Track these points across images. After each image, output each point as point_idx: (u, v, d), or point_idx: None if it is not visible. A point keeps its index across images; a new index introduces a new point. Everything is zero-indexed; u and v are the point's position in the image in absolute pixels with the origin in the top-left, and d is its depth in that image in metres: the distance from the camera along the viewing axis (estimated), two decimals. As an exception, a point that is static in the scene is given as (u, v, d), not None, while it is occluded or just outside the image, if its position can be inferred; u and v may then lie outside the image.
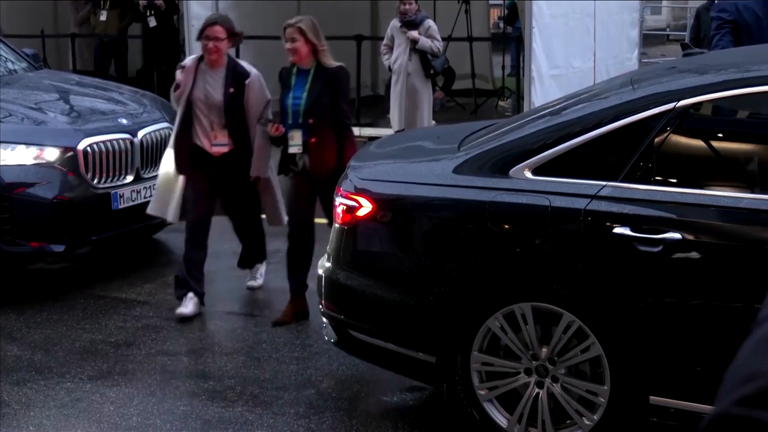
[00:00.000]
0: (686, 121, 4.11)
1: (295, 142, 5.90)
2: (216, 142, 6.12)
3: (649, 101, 4.15)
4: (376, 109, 13.59)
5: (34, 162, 6.50)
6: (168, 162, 6.31)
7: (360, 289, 4.62)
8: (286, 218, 6.44)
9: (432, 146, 5.23)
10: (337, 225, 4.71)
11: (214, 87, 6.13)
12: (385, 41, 10.25)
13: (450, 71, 11.38)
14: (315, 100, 5.85)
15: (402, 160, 4.99)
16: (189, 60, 6.31)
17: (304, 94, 5.89)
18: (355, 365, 5.28)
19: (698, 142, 4.39)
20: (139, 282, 6.94)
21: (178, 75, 6.19)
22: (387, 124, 11.39)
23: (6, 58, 8.07)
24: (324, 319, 4.86)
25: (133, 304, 6.49)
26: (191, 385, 5.17)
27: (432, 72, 10.13)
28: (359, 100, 13.34)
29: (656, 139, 4.06)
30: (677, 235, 3.89)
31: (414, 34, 9.82)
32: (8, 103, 6.98)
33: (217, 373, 5.33)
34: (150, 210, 6.47)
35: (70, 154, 6.57)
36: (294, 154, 5.92)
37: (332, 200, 4.85)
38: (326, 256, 4.85)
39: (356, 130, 12.98)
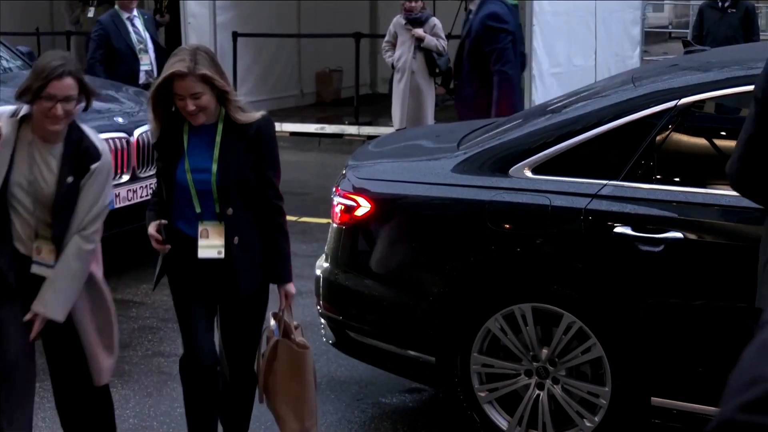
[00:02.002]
0: (688, 119, 4.07)
1: (211, 243, 3.76)
2: (38, 260, 3.76)
3: (650, 99, 4.11)
4: (375, 108, 13.57)
5: None
6: None
7: (358, 290, 4.58)
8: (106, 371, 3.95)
9: (431, 145, 5.19)
10: (335, 225, 4.66)
11: (43, 171, 3.70)
12: (387, 38, 10.21)
13: (449, 69, 11.32)
14: (235, 172, 3.74)
15: (401, 159, 4.95)
16: (2, 118, 3.76)
17: (214, 165, 3.73)
18: (353, 366, 5.24)
19: (700, 141, 4.34)
20: (136, 283, 6.90)
21: None
22: (386, 123, 11.36)
23: (0, 56, 8.02)
24: (322, 320, 4.82)
25: (129, 305, 6.45)
26: (188, 387, 5.12)
27: (437, 71, 10.09)
28: (358, 98, 13.32)
29: (658, 138, 4.02)
30: (679, 235, 3.84)
31: (420, 32, 9.79)
32: (3, 101, 6.92)
33: (214, 375, 5.28)
34: None
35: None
36: (205, 260, 3.77)
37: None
38: (324, 256, 4.81)
39: (355, 129, 13.05)
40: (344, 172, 4.78)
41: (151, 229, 3.75)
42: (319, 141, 13.01)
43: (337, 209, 4.60)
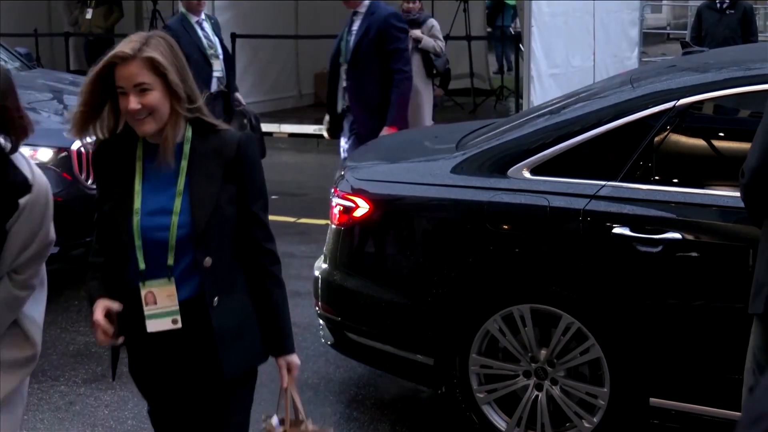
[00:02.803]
0: (686, 120, 4.06)
1: (161, 310, 2.75)
2: None
3: (648, 100, 4.10)
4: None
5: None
6: None
7: (357, 291, 4.58)
8: None
9: (430, 146, 5.19)
10: (333, 226, 4.66)
11: None
12: (385, 39, 10.19)
13: (447, 71, 11.34)
14: (212, 209, 2.73)
15: (399, 160, 4.94)
16: None
17: (176, 201, 2.74)
18: (352, 368, 5.23)
19: (698, 141, 4.34)
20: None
21: None
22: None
23: (-1, 57, 8.02)
24: (321, 321, 4.82)
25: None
26: (186, 388, 5.11)
27: (435, 72, 10.08)
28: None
29: (656, 139, 4.01)
30: (677, 235, 3.84)
31: (417, 33, 9.78)
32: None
33: (212, 376, 5.27)
34: None
35: (63, 154, 6.52)
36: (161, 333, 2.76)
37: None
38: (323, 257, 4.80)
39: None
40: (343, 173, 4.78)
41: (98, 314, 2.70)
42: (317, 142, 13.00)
43: (336, 210, 4.60)
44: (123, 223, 2.74)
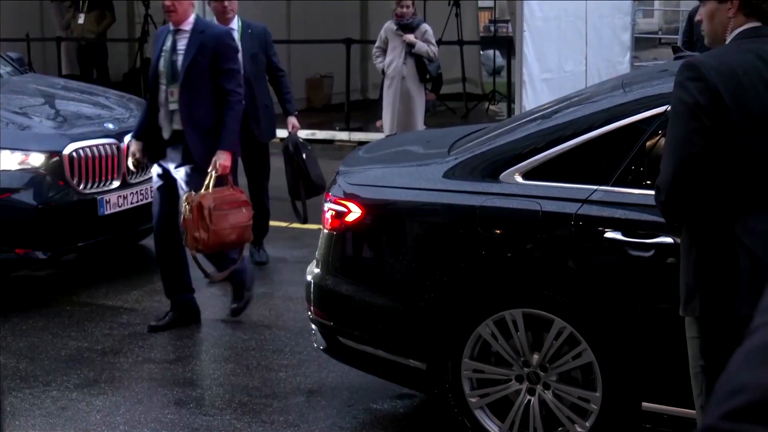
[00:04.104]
0: (678, 124, 4.06)
1: None
2: None
3: (640, 104, 4.11)
4: (365, 114, 13.57)
5: (19, 167, 6.42)
6: None
7: (349, 296, 4.57)
8: None
9: (422, 150, 5.19)
10: (326, 231, 4.66)
11: None
12: (378, 44, 10.21)
13: (438, 76, 11.36)
14: None
15: (391, 165, 4.94)
16: None
17: None
18: (344, 373, 5.22)
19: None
20: (126, 289, 6.88)
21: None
22: (376, 129, 11.35)
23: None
24: (313, 326, 4.81)
25: (120, 311, 6.42)
26: (179, 393, 5.11)
27: (427, 77, 10.09)
28: (348, 104, 13.31)
29: (648, 143, 4.02)
30: (669, 239, 3.84)
31: (411, 37, 9.78)
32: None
33: (205, 381, 5.27)
34: None
35: (55, 159, 6.51)
36: None
37: None
38: (315, 262, 4.80)
39: (346, 135, 13.04)
40: (335, 178, 4.78)
41: None
42: (309, 147, 13.00)
43: (328, 215, 4.60)
44: None
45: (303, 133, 13.15)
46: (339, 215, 4.53)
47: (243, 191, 6.12)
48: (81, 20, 13.93)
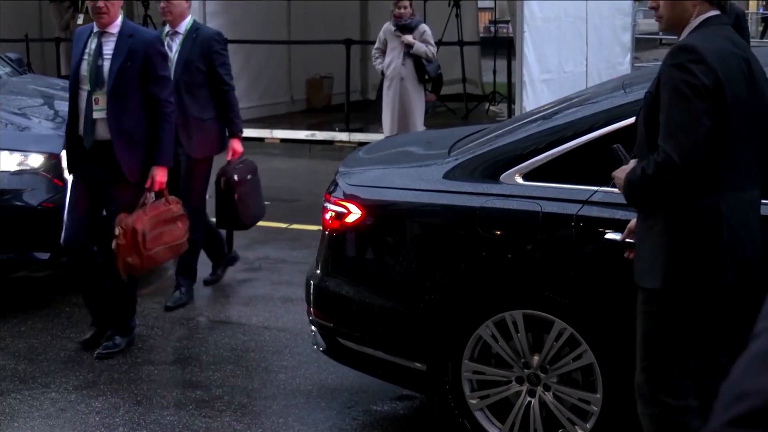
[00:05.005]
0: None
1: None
2: None
3: (641, 105, 4.09)
4: (365, 114, 13.56)
5: (17, 168, 6.41)
6: None
7: (349, 297, 4.56)
8: None
9: (422, 151, 5.18)
10: (325, 232, 4.65)
11: None
12: (377, 45, 10.21)
13: (438, 77, 11.37)
14: None
15: (391, 166, 4.93)
16: None
17: None
18: (344, 374, 5.21)
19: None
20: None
21: None
22: (376, 130, 11.36)
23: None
24: (313, 327, 4.80)
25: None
26: (178, 395, 5.10)
27: (426, 77, 10.09)
28: (348, 105, 13.31)
29: (649, 144, 4.00)
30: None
31: (409, 38, 9.78)
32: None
33: (204, 383, 5.26)
34: None
35: (54, 160, 6.49)
36: None
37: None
38: (315, 263, 4.79)
39: (346, 136, 13.03)
40: (335, 178, 4.77)
41: None
42: (309, 148, 13.00)
43: (328, 216, 4.58)
44: None
45: (303, 134, 13.21)
46: (339, 216, 4.52)
47: (179, 201, 5.75)
48: (80, 21, 13.92)
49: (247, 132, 13.55)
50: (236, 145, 6.51)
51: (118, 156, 5.41)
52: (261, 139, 13.18)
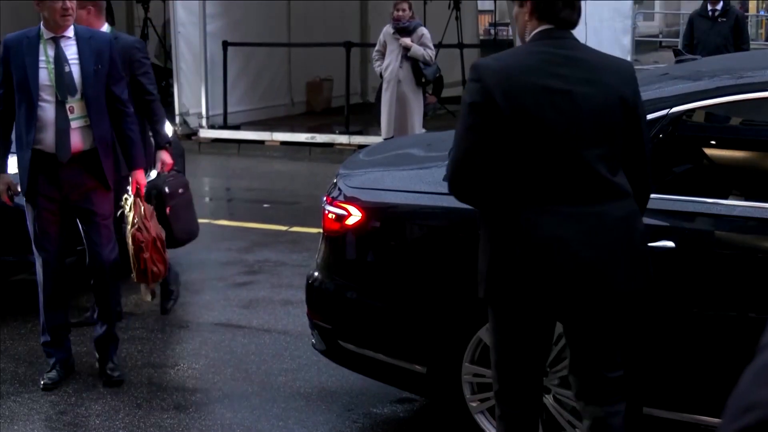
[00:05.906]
0: (678, 128, 4.05)
1: None
2: None
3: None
4: (365, 117, 13.57)
5: (17, 171, 6.39)
6: None
7: (349, 299, 4.56)
8: None
9: (422, 154, 5.18)
10: (326, 234, 4.64)
11: None
12: (377, 47, 10.22)
13: (439, 79, 11.37)
14: None
15: (392, 168, 4.93)
16: None
17: None
18: (344, 376, 5.22)
19: (691, 150, 4.33)
20: (125, 293, 6.84)
21: None
22: (376, 132, 11.36)
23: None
24: (313, 330, 4.80)
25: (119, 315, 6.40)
26: (178, 398, 5.10)
27: (423, 80, 10.09)
28: (348, 107, 13.31)
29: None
30: (671, 244, 3.83)
31: (406, 41, 9.79)
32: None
33: (204, 386, 5.26)
34: None
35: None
36: None
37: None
38: (315, 265, 4.78)
39: (346, 138, 13.04)
40: (335, 181, 4.77)
41: None
42: (309, 150, 13.01)
43: (328, 218, 4.58)
44: None
45: (303, 136, 13.21)
46: (339, 218, 4.52)
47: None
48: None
49: (247, 134, 13.64)
50: (165, 157, 6.15)
51: (103, 163, 5.20)
52: (261, 142, 13.19)
